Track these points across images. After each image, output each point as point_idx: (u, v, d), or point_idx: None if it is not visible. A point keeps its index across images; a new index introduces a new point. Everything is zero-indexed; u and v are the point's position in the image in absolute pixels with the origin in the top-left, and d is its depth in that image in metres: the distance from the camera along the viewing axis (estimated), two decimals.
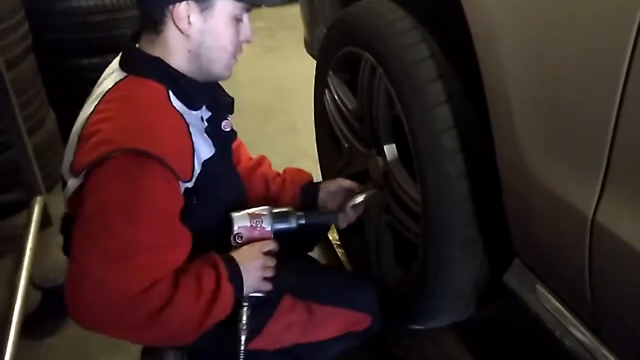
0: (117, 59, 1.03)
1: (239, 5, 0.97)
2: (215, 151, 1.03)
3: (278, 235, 1.10)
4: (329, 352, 1.19)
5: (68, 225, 0.95)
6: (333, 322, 1.16)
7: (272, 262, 1.06)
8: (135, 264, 0.85)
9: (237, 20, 0.99)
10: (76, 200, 0.89)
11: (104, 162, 0.84)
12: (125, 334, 0.91)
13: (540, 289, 0.91)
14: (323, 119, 1.61)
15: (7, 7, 1.97)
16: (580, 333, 0.83)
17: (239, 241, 1.06)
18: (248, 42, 1.03)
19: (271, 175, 1.32)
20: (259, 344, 1.09)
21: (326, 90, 1.53)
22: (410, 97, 1.07)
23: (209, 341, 1.03)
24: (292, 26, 4.79)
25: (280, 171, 1.37)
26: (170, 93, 0.96)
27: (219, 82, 1.12)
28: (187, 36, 0.96)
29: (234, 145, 1.25)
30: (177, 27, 0.94)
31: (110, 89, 0.95)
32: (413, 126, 1.07)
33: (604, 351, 0.80)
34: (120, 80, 0.96)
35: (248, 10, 1.01)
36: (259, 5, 1.08)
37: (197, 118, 1.03)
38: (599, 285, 0.77)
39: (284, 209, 1.14)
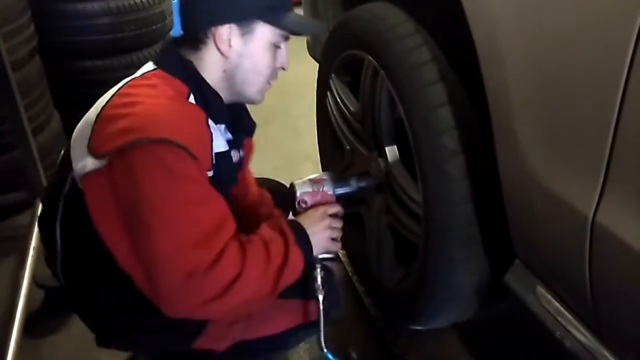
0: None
1: (278, 32, 1.01)
2: (229, 150, 1.06)
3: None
4: (287, 344, 1.17)
5: (71, 197, 0.96)
6: (280, 315, 1.12)
7: (338, 223, 1.10)
8: (196, 238, 0.87)
9: (275, 47, 1.02)
10: (97, 180, 0.89)
11: (133, 149, 0.85)
12: (209, 310, 0.91)
13: (541, 289, 0.91)
14: (325, 121, 1.62)
15: (13, 9, 1.99)
16: (580, 334, 0.84)
17: (304, 206, 1.11)
18: (283, 69, 1.06)
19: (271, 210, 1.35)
20: (204, 343, 1.07)
21: (328, 93, 1.54)
22: (412, 99, 1.08)
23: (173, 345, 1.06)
24: None
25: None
26: (191, 95, 0.98)
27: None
28: (226, 57, 0.99)
29: (244, 179, 1.28)
30: (217, 47, 0.98)
31: (137, 76, 0.98)
32: (414, 127, 1.08)
33: (604, 352, 0.80)
34: (149, 70, 0.99)
35: (286, 38, 1.04)
36: (298, 34, 1.09)
37: (213, 124, 1.03)
38: (599, 286, 0.77)
39: (342, 176, 1.20)
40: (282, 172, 2.35)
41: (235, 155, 1.12)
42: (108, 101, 0.92)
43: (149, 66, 1.01)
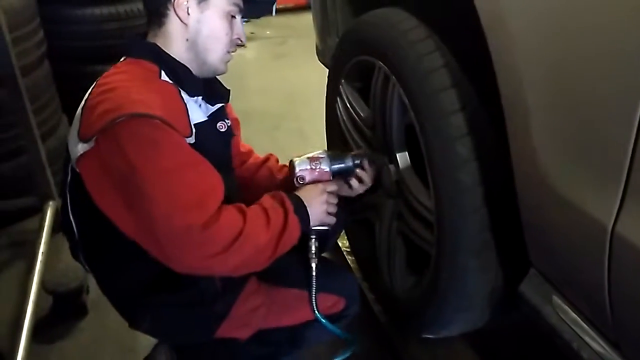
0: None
1: (232, 1, 1.09)
2: (206, 121, 1.11)
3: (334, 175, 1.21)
4: (306, 338, 1.21)
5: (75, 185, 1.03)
6: (302, 305, 1.17)
7: (334, 199, 1.17)
8: (189, 197, 0.94)
9: (231, 17, 1.10)
10: (89, 161, 0.97)
11: (114, 127, 0.92)
12: (213, 264, 0.97)
13: (557, 300, 0.89)
14: (335, 127, 1.61)
15: (22, 15, 2.00)
16: (598, 346, 0.82)
17: (302, 182, 1.18)
18: (240, 41, 1.14)
19: (277, 167, 1.40)
20: (227, 330, 1.13)
21: (338, 99, 1.53)
22: (423, 105, 1.07)
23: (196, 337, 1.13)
24: (302, 34, 4.82)
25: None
26: (162, 72, 1.06)
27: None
28: (186, 25, 1.07)
29: (240, 148, 1.35)
30: (177, 16, 1.06)
31: (109, 70, 1.07)
32: (426, 134, 1.07)
33: None
34: (119, 63, 1.09)
35: (240, 10, 1.12)
36: (251, 16, 1.18)
37: (186, 96, 1.09)
38: (618, 298, 0.75)
39: (339, 153, 1.25)
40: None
41: (222, 126, 1.18)
42: (89, 95, 1.02)
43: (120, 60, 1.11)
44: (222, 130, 1.18)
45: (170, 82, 1.06)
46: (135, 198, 0.93)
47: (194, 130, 1.05)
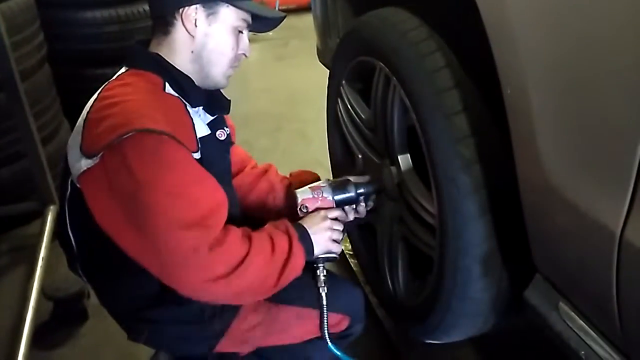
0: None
1: (240, 17, 1.07)
2: (208, 135, 1.10)
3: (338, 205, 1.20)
4: (307, 357, 1.18)
5: (76, 201, 1.00)
6: (301, 323, 1.15)
7: (339, 226, 1.15)
8: (195, 215, 0.92)
9: (238, 31, 1.09)
10: (93, 178, 0.94)
11: (121, 143, 0.90)
12: (215, 289, 0.94)
13: (564, 306, 0.87)
14: (336, 129, 1.59)
15: (22, 18, 1.99)
16: (607, 354, 0.80)
17: (305, 211, 1.17)
18: (245, 56, 1.12)
19: (277, 180, 1.37)
20: (226, 346, 1.12)
21: (339, 100, 1.51)
22: (425, 106, 1.05)
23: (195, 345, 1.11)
24: (304, 35, 4.81)
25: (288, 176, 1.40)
26: (167, 84, 1.04)
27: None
28: (192, 37, 1.05)
29: (237, 155, 1.32)
30: (184, 27, 1.04)
31: (112, 80, 1.05)
32: (428, 136, 1.05)
33: None
34: (122, 73, 1.06)
35: (248, 25, 1.10)
36: (259, 17, 1.13)
37: (190, 108, 1.08)
38: (627, 305, 0.73)
39: (341, 179, 1.25)
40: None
41: (221, 134, 1.16)
42: (91, 107, 0.99)
43: (120, 71, 1.08)
44: (222, 138, 1.16)
45: (175, 94, 1.04)
46: (139, 216, 0.91)
47: (199, 144, 1.03)
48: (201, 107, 1.11)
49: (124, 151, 0.90)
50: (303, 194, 1.18)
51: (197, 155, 1.01)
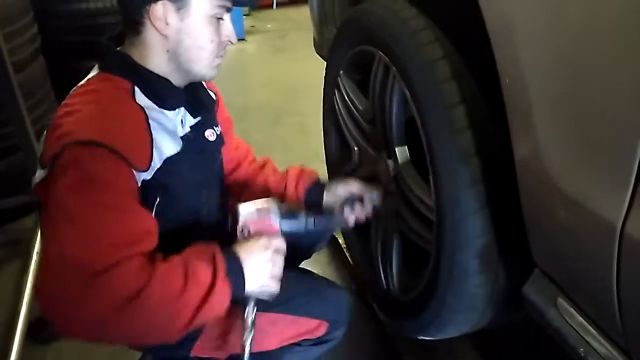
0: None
1: (215, 4, 0.96)
2: (182, 151, 1.00)
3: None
4: None
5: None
6: (276, 330, 1.09)
7: (280, 260, 0.98)
8: (99, 243, 0.81)
9: (217, 19, 0.98)
10: (42, 189, 0.90)
11: (62, 153, 0.85)
12: (106, 328, 0.80)
13: (563, 302, 0.85)
14: (332, 121, 1.56)
15: (15, 9, 1.96)
16: (606, 351, 0.78)
17: (245, 234, 1.01)
18: (231, 42, 1.02)
19: (273, 180, 1.30)
20: (201, 350, 1.07)
21: (336, 91, 1.49)
22: (425, 97, 1.03)
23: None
24: (302, 27, 4.78)
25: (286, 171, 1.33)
26: (136, 89, 0.96)
27: (203, 82, 1.11)
28: (165, 36, 0.96)
29: (233, 151, 1.26)
30: (154, 27, 0.95)
31: (80, 85, 0.98)
32: (427, 127, 1.03)
33: None
34: (91, 77, 0.99)
35: (228, 10, 0.99)
36: (237, 4, 1.03)
37: (168, 117, 1.00)
38: (628, 301, 0.71)
39: (294, 208, 1.09)
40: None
41: (211, 134, 1.09)
42: (55, 115, 0.93)
43: (91, 73, 1.00)
44: (211, 139, 1.09)
45: (145, 100, 0.96)
46: (47, 227, 0.84)
47: (156, 164, 0.94)
48: (182, 109, 1.03)
49: (60, 162, 0.85)
50: (247, 213, 1.02)
51: (146, 176, 0.93)
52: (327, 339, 1.16)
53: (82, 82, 0.98)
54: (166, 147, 0.97)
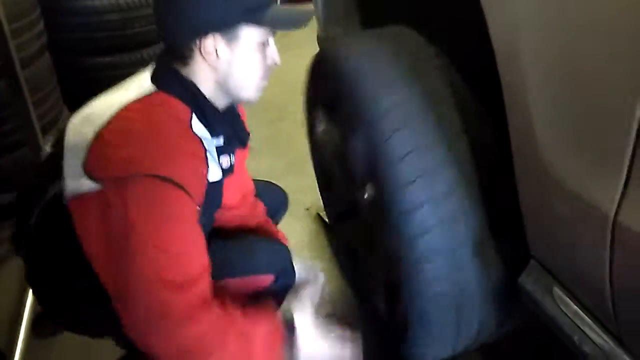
0: (150, 69, 1.02)
1: (263, 30, 0.96)
2: (222, 178, 1.04)
3: None
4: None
5: (54, 208, 0.95)
6: (230, 293, 1.07)
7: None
8: (176, 277, 0.86)
9: (264, 45, 0.98)
10: (89, 203, 0.90)
11: (128, 181, 0.85)
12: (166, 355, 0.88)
13: (558, 291, 0.86)
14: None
15: (22, 6, 1.98)
16: (600, 338, 0.79)
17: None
18: (276, 64, 1.02)
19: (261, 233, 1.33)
20: None
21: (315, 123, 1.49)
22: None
23: None
24: (308, 25, 4.78)
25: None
26: (194, 116, 0.96)
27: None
28: (215, 68, 0.96)
29: (241, 186, 1.28)
30: (204, 59, 0.95)
31: (137, 99, 0.94)
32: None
33: (625, 358, 0.76)
34: (149, 95, 0.95)
35: (274, 33, 1.00)
36: (286, 29, 1.02)
37: (213, 144, 1.02)
38: (620, 288, 0.73)
39: None
40: (295, 168, 2.32)
41: (225, 161, 1.08)
42: (107, 123, 0.90)
43: (148, 86, 0.96)
44: (225, 166, 1.07)
45: (201, 129, 0.96)
46: (122, 258, 0.86)
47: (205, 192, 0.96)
48: (221, 138, 1.04)
49: (127, 191, 0.85)
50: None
51: (198, 207, 0.94)
52: (276, 287, 1.17)
53: (134, 92, 0.94)
54: (212, 174, 0.99)
